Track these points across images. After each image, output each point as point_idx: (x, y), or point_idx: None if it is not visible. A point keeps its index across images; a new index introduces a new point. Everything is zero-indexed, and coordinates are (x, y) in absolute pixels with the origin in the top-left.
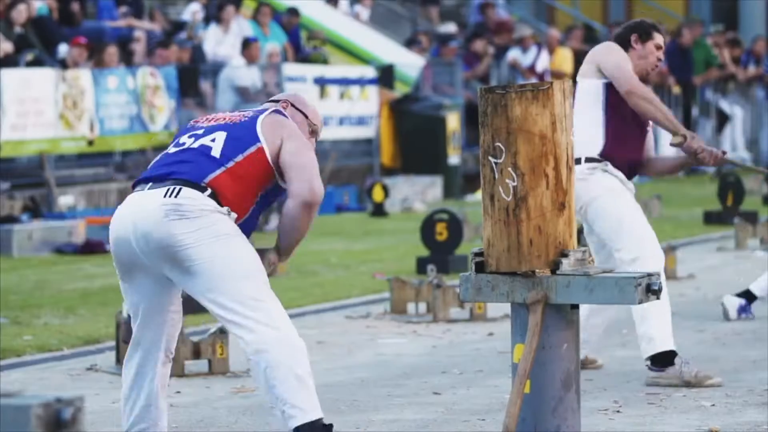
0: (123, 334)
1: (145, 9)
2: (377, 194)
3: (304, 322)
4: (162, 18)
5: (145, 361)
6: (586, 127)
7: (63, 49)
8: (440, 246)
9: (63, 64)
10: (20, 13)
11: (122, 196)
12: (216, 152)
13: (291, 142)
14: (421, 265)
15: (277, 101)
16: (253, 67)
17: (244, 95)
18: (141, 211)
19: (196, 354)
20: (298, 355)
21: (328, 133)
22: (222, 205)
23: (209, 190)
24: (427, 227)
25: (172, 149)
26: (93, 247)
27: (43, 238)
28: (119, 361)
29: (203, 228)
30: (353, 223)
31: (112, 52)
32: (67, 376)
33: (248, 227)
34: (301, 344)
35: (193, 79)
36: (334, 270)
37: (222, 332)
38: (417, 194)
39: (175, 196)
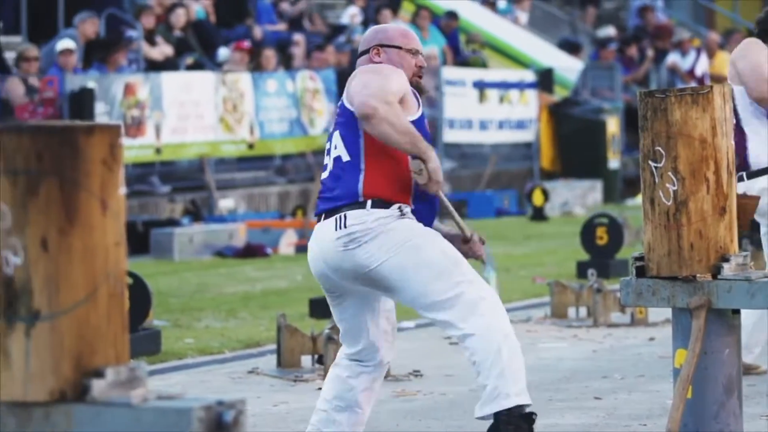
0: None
1: (305, 13)
2: (537, 198)
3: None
4: (321, 22)
5: (353, 373)
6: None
7: (222, 52)
8: (600, 250)
9: (221, 67)
10: (179, 17)
11: (282, 200)
12: (345, 156)
13: (355, 81)
14: (582, 270)
15: (367, 51)
16: None
17: None
18: (324, 248)
19: None
20: (503, 345)
21: (487, 137)
22: (389, 204)
23: (369, 201)
24: (588, 231)
25: (324, 173)
26: (253, 251)
27: (204, 241)
28: (280, 364)
29: (382, 246)
30: (513, 227)
31: (270, 55)
32: (229, 379)
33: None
34: (507, 328)
35: None
36: None
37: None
38: (577, 198)
39: (345, 226)
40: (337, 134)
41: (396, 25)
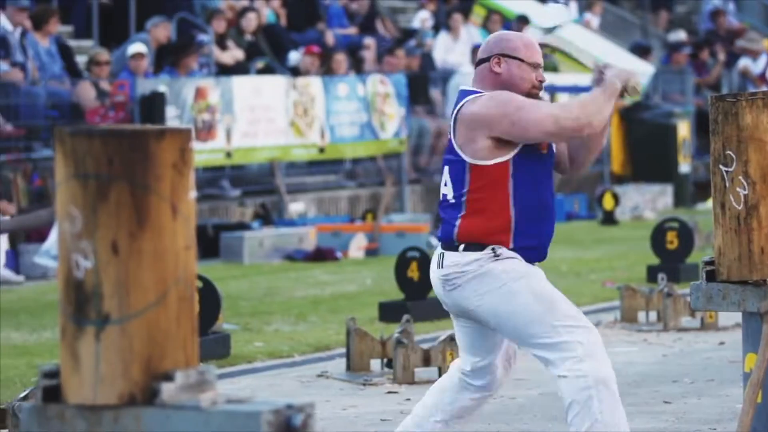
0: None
1: (377, 17)
2: (607, 202)
3: None
4: (392, 26)
5: (463, 388)
6: None
7: (293, 56)
8: (671, 254)
9: (292, 71)
10: (250, 21)
11: (352, 203)
12: (450, 195)
13: (511, 128)
14: (652, 274)
15: (487, 59)
16: None
17: None
18: (432, 279)
19: (426, 361)
20: (602, 384)
21: None
22: (483, 246)
23: (462, 244)
24: (658, 235)
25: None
26: (323, 255)
27: (274, 245)
28: (350, 368)
29: (476, 290)
30: (583, 231)
31: (341, 59)
32: (298, 383)
33: (528, 203)
34: (602, 374)
35: (422, 87)
36: (564, 278)
37: (452, 340)
38: (647, 202)
39: (442, 266)
40: (446, 170)
41: (520, 36)
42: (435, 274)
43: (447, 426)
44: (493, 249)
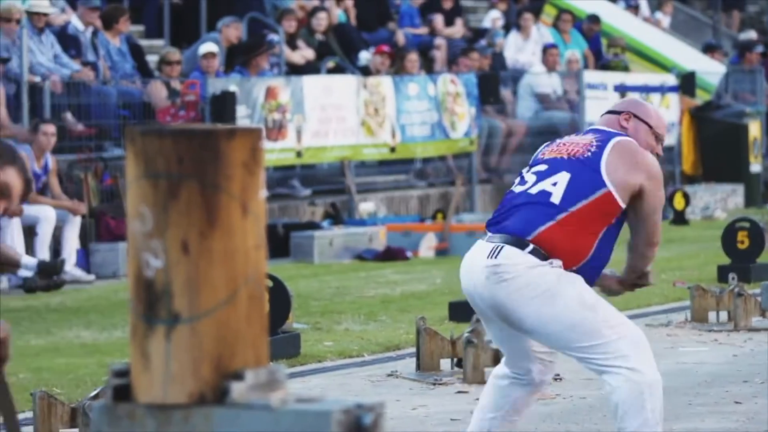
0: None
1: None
2: (678, 202)
3: None
4: (463, 25)
5: (510, 384)
6: None
7: (363, 56)
8: (741, 254)
9: (363, 71)
10: (321, 21)
11: (422, 203)
12: (556, 198)
13: (651, 195)
14: (722, 274)
15: (618, 112)
16: (553, 74)
17: (544, 102)
18: (472, 269)
19: (496, 361)
20: (645, 392)
21: None
22: (547, 257)
23: (531, 246)
24: (729, 235)
25: (516, 187)
26: (393, 254)
27: (344, 244)
28: (420, 367)
29: (521, 290)
30: None
31: (413, 59)
32: (368, 382)
33: (596, 264)
34: (649, 378)
35: (493, 86)
36: None
37: None
38: (718, 202)
39: (495, 257)
40: (565, 174)
41: (656, 108)
42: (482, 262)
43: (504, 419)
44: (551, 262)
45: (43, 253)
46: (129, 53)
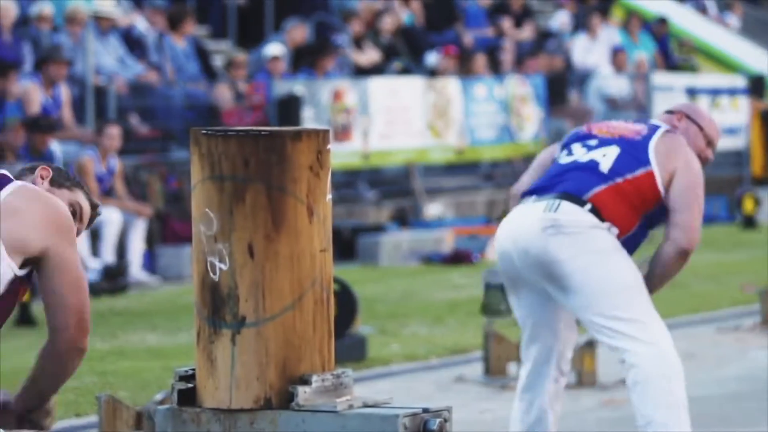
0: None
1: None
2: (747, 205)
3: (673, 334)
4: (531, 26)
5: (534, 376)
6: None
7: (430, 57)
8: None
9: (430, 72)
10: (387, 23)
11: (490, 206)
12: (605, 167)
13: (683, 177)
14: None
15: (672, 112)
16: (621, 76)
17: (612, 105)
18: (521, 226)
19: None
20: (671, 374)
21: None
22: (603, 221)
23: (590, 205)
24: None
25: (563, 158)
26: (461, 257)
27: (411, 247)
28: (487, 371)
29: (579, 244)
30: (723, 234)
31: (481, 60)
32: (435, 386)
33: (632, 245)
34: (676, 364)
35: (561, 88)
36: (703, 282)
37: (590, 345)
38: None
39: (554, 211)
40: (615, 148)
41: (710, 114)
42: (537, 215)
43: (544, 420)
44: (609, 227)
45: (108, 255)
46: (194, 55)
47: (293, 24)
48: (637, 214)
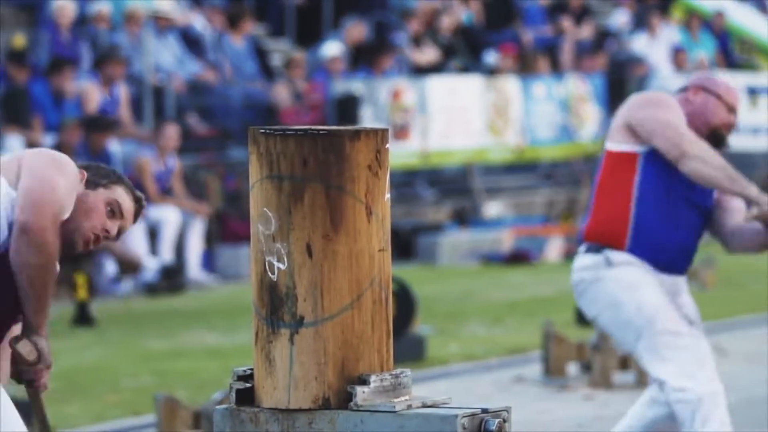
0: None
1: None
2: None
3: (731, 333)
4: (590, 25)
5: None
6: None
7: (489, 56)
8: None
9: (489, 71)
10: (446, 21)
11: (549, 206)
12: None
13: (642, 122)
14: None
15: (686, 89)
16: (681, 75)
17: None
18: None
19: (623, 365)
20: (709, 408)
21: (757, 143)
22: (600, 250)
23: (585, 246)
24: None
25: None
26: (520, 257)
27: (470, 247)
28: (546, 372)
29: (592, 301)
30: None
31: (541, 59)
32: (493, 386)
33: (651, 240)
34: (708, 389)
35: (621, 88)
36: (760, 281)
37: None
38: None
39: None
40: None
41: (726, 79)
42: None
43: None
44: (606, 257)
45: (167, 255)
46: (252, 54)
47: (352, 23)
48: (625, 194)
